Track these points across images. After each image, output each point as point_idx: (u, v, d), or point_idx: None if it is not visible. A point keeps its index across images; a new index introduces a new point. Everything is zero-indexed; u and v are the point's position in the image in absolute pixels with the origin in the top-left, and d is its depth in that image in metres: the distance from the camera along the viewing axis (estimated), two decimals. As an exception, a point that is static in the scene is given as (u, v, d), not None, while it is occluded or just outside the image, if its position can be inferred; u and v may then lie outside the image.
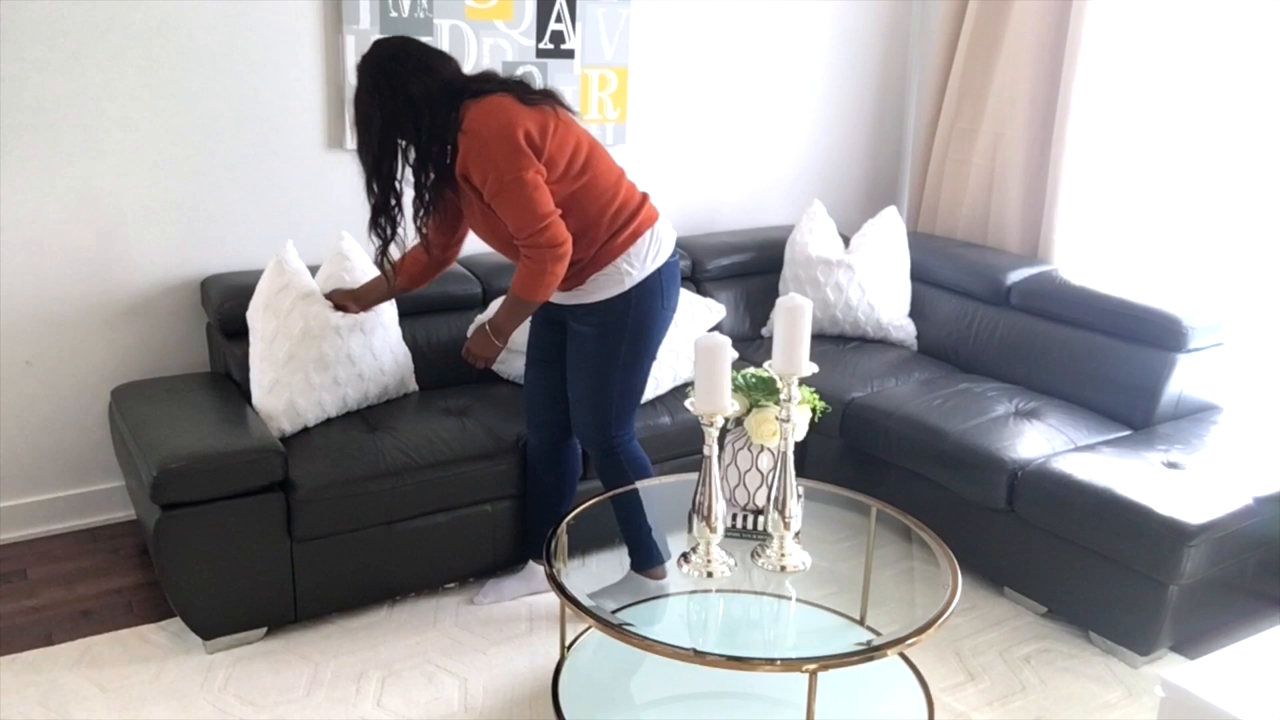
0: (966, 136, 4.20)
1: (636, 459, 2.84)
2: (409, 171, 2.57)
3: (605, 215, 2.62)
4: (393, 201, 2.58)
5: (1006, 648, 2.85)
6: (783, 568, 2.37)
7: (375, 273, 3.13)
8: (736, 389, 2.48)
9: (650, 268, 2.68)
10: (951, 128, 4.23)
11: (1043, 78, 3.91)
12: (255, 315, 2.87)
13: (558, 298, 2.73)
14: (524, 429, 3.00)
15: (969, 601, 3.04)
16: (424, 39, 3.36)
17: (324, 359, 2.88)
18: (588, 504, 2.62)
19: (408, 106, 2.49)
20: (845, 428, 3.39)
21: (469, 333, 3.20)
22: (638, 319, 2.69)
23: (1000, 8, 4.02)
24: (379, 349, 3.03)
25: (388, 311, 3.08)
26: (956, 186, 4.26)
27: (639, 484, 2.77)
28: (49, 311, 3.12)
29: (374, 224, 2.60)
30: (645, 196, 2.74)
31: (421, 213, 2.61)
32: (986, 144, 4.12)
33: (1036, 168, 3.99)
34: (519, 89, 2.56)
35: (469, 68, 3.44)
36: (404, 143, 2.54)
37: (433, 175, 2.56)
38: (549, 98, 2.59)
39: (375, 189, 2.56)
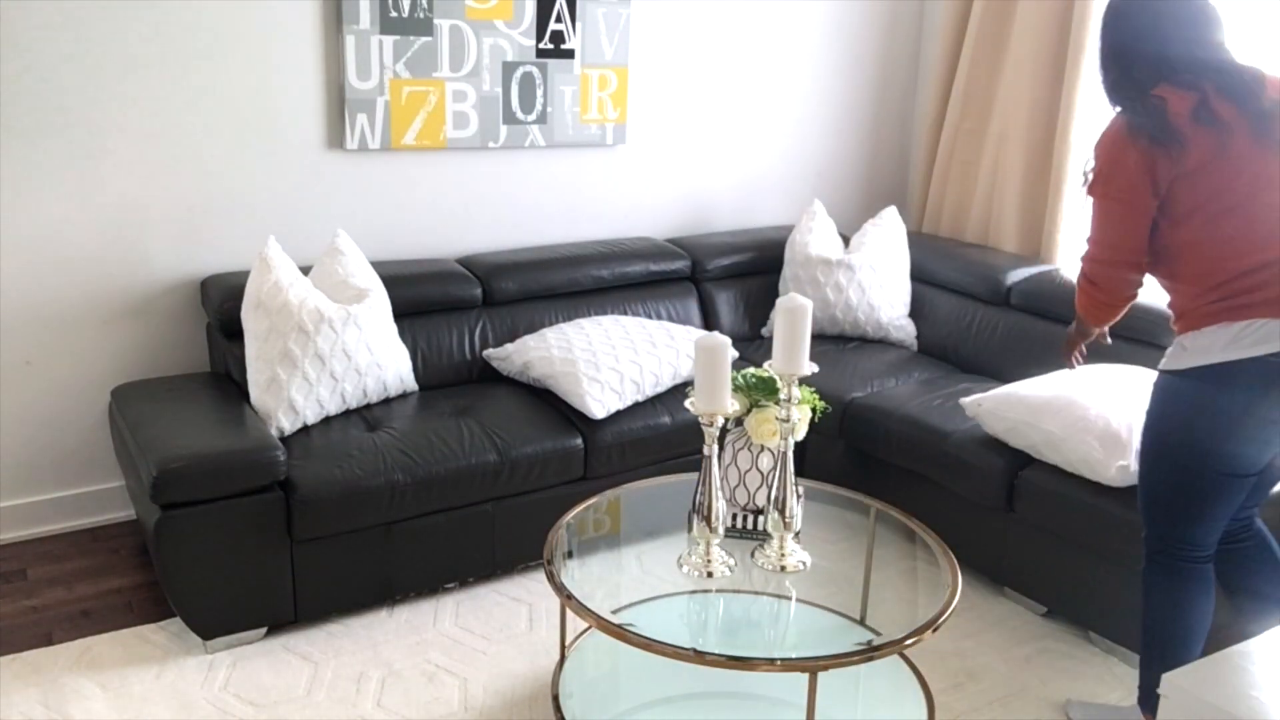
0: (973, 138, 4.20)
1: (1156, 587, 2.34)
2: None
3: (1203, 279, 2.17)
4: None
5: (1006, 648, 2.85)
6: (783, 568, 2.37)
7: (369, 270, 3.13)
8: (736, 389, 2.48)
9: (1220, 358, 2.14)
10: (958, 129, 4.23)
11: (1045, 78, 3.90)
12: (248, 314, 2.87)
13: None
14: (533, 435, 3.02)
15: (969, 601, 3.04)
16: (426, 39, 3.38)
17: (319, 353, 2.88)
18: (586, 503, 2.62)
19: (1105, 52, 2.26)
20: (845, 428, 3.39)
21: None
22: (1172, 410, 2.24)
23: (1005, 8, 4.02)
24: (374, 344, 3.03)
25: (382, 305, 3.08)
26: (964, 188, 4.26)
27: None
28: (49, 311, 3.12)
29: None
30: None
31: None
32: (994, 146, 4.11)
33: (1038, 168, 3.99)
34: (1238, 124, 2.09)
35: (469, 68, 3.48)
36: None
37: None
38: (1265, 129, 2.11)
39: None
